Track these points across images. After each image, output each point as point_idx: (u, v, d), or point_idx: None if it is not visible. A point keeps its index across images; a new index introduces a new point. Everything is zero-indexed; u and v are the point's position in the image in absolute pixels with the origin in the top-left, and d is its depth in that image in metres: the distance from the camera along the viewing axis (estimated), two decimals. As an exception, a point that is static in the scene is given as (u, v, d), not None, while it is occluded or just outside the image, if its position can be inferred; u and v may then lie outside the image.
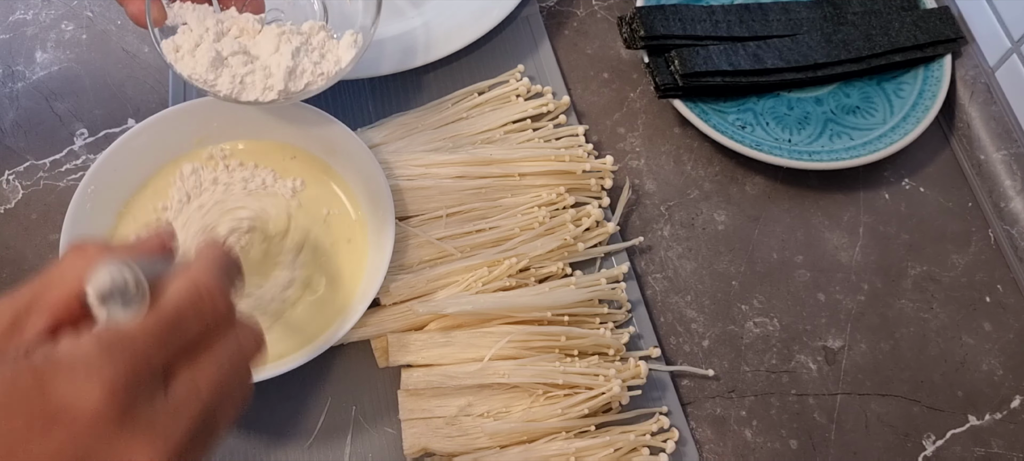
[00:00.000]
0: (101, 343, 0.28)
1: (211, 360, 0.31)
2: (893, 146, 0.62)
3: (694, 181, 0.64)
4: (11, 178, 0.63)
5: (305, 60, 0.52)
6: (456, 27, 0.67)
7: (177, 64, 0.51)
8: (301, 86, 0.52)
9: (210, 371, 0.31)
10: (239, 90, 0.51)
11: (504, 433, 0.52)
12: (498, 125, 0.63)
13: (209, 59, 0.50)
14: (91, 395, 0.27)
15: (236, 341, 0.32)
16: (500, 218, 0.59)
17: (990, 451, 0.55)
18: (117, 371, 0.28)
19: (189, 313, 0.30)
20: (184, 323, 0.30)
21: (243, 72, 0.51)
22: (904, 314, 0.60)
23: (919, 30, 0.66)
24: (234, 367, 0.32)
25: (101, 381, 0.27)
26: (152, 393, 0.29)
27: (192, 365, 0.31)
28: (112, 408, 0.27)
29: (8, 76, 0.67)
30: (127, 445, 0.28)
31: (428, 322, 0.55)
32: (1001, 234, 0.62)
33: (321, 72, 0.52)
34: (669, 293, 0.60)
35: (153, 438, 0.28)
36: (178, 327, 0.30)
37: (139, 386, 0.28)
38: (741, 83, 0.64)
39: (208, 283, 0.31)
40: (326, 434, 0.54)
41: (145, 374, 0.29)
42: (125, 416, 0.28)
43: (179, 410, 0.29)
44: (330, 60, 0.53)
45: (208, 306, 0.31)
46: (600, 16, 0.72)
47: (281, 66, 0.51)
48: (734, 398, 0.57)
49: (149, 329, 0.29)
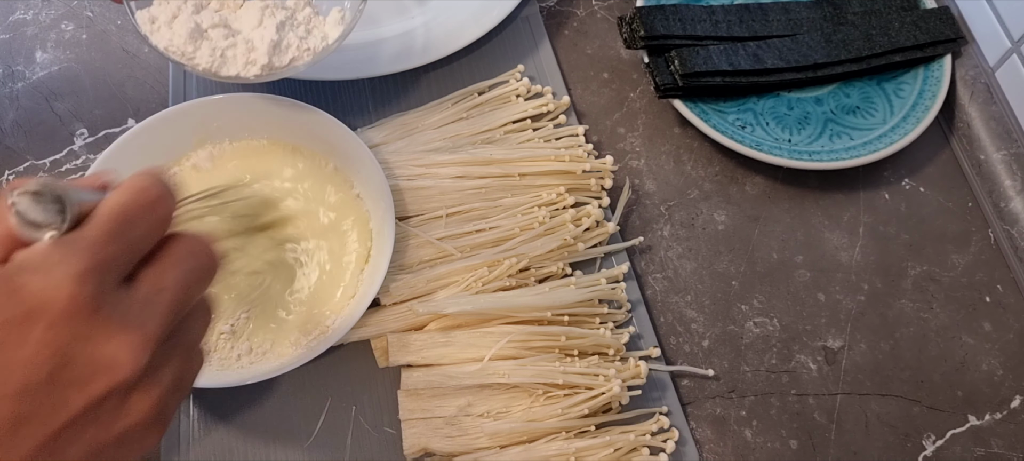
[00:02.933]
0: (58, 243, 0.28)
1: (169, 260, 0.31)
2: (893, 146, 0.62)
3: (694, 181, 0.64)
4: (11, 178, 0.63)
5: (290, 35, 0.50)
6: (456, 27, 0.67)
7: (153, 36, 0.48)
8: (286, 61, 0.50)
9: (170, 269, 0.31)
10: (219, 64, 0.49)
11: (504, 433, 0.52)
12: (498, 125, 0.63)
13: (187, 31, 0.48)
14: (61, 284, 0.27)
15: (191, 247, 0.33)
16: (500, 218, 0.59)
17: (990, 451, 0.55)
18: (80, 261, 0.28)
19: (134, 210, 0.30)
20: (131, 218, 0.30)
21: (224, 45, 0.49)
22: (904, 314, 0.60)
23: (919, 30, 0.66)
24: (193, 272, 0.32)
25: (68, 270, 0.27)
26: (119, 288, 0.29)
27: (152, 265, 0.31)
28: (84, 295, 0.27)
29: (8, 76, 0.67)
30: (105, 337, 0.28)
31: (428, 322, 0.55)
32: (1001, 234, 0.62)
33: (307, 48, 0.51)
34: (669, 293, 0.60)
35: (128, 330, 0.28)
36: (127, 222, 0.30)
37: (105, 275, 0.28)
38: (741, 83, 0.64)
39: (150, 188, 0.31)
40: (326, 434, 0.54)
41: (109, 266, 0.29)
42: (97, 304, 0.28)
43: (148, 306, 0.30)
44: (316, 36, 0.51)
45: (150, 202, 0.31)
46: (600, 16, 0.72)
47: (265, 40, 0.49)
48: (734, 398, 0.57)
49: (99, 224, 0.29)
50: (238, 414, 0.54)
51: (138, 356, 0.29)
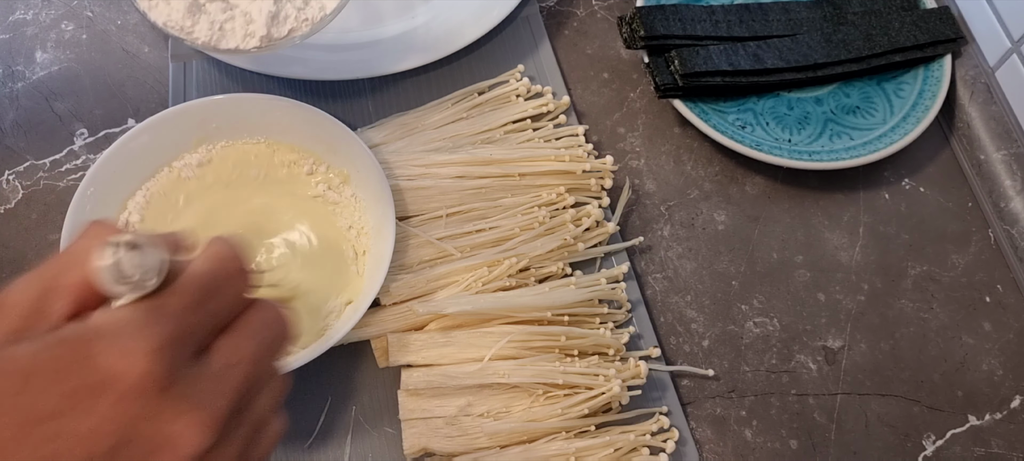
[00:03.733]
0: (137, 309, 0.27)
1: (245, 331, 0.31)
2: (893, 146, 0.62)
3: (694, 181, 0.64)
4: (11, 178, 0.63)
5: (288, 5, 0.49)
6: (456, 27, 0.67)
7: (151, 12, 0.48)
8: (284, 32, 0.49)
9: (246, 342, 0.31)
10: (218, 37, 0.48)
11: (504, 433, 0.52)
12: (498, 125, 0.63)
13: (185, 5, 0.47)
14: (136, 361, 0.26)
15: (267, 316, 0.32)
16: (500, 218, 0.59)
17: (990, 451, 0.55)
18: (160, 334, 0.27)
19: (217, 279, 0.30)
20: (214, 289, 0.30)
21: (222, 18, 0.48)
22: (904, 314, 0.60)
23: (919, 30, 0.66)
24: (268, 344, 0.32)
25: (146, 344, 0.27)
26: (193, 362, 0.28)
27: (228, 337, 0.30)
28: (158, 371, 0.26)
29: (8, 76, 0.67)
30: (172, 414, 0.27)
31: (428, 322, 0.55)
32: (1001, 234, 0.62)
33: (305, 18, 0.50)
34: (669, 293, 0.60)
35: (197, 407, 0.28)
36: (208, 292, 0.29)
37: (181, 349, 0.28)
38: (741, 83, 0.64)
39: (229, 254, 0.31)
40: (326, 434, 0.54)
41: (185, 338, 0.28)
42: (170, 381, 0.27)
43: (220, 379, 0.29)
44: (314, 6, 0.50)
45: (233, 273, 0.31)
46: (600, 16, 0.72)
47: (263, 11, 0.48)
48: (734, 398, 0.57)
49: (182, 292, 0.29)
50: (238, 414, 0.54)
51: (204, 435, 0.28)
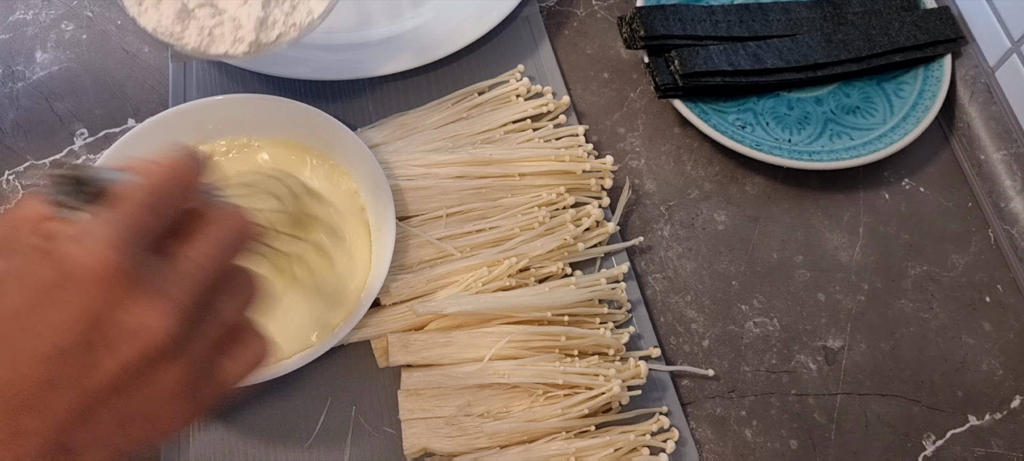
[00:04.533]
0: (96, 216, 0.29)
1: (203, 236, 0.32)
2: (893, 146, 0.62)
3: (694, 181, 0.64)
4: (11, 178, 0.63)
5: (276, 10, 0.50)
6: (456, 27, 0.67)
7: (140, 18, 0.49)
8: (273, 37, 0.50)
9: (203, 242, 0.32)
10: (207, 43, 0.49)
11: (504, 433, 0.52)
12: (498, 125, 0.63)
13: (175, 11, 0.48)
14: (99, 254, 0.28)
15: (223, 218, 0.33)
16: (500, 218, 0.59)
17: (990, 451, 0.55)
18: (115, 231, 0.29)
19: (169, 186, 0.31)
20: (166, 194, 0.31)
21: (211, 24, 0.49)
22: (904, 314, 0.60)
23: (919, 30, 0.66)
24: (226, 243, 0.33)
25: (104, 240, 0.28)
26: (154, 258, 0.30)
27: (183, 240, 0.32)
28: (118, 263, 0.28)
29: (8, 76, 0.67)
30: (139, 306, 0.29)
31: (428, 322, 0.55)
32: (1001, 234, 0.62)
33: (293, 23, 0.50)
34: (669, 293, 0.60)
35: (160, 296, 0.29)
36: (161, 197, 0.31)
37: (138, 246, 0.29)
38: (741, 83, 0.64)
39: (181, 163, 0.32)
40: (326, 434, 0.54)
41: (143, 237, 0.30)
42: (131, 274, 0.28)
43: (179, 274, 0.30)
44: (302, 11, 0.51)
45: (186, 180, 0.32)
46: (600, 16, 0.72)
47: (251, 17, 0.49)
48: (734, 398, 0.57)
49: (136, 200, 0.30)
50: (238, 414, 0.54)
51: (167, 321, 0.29)
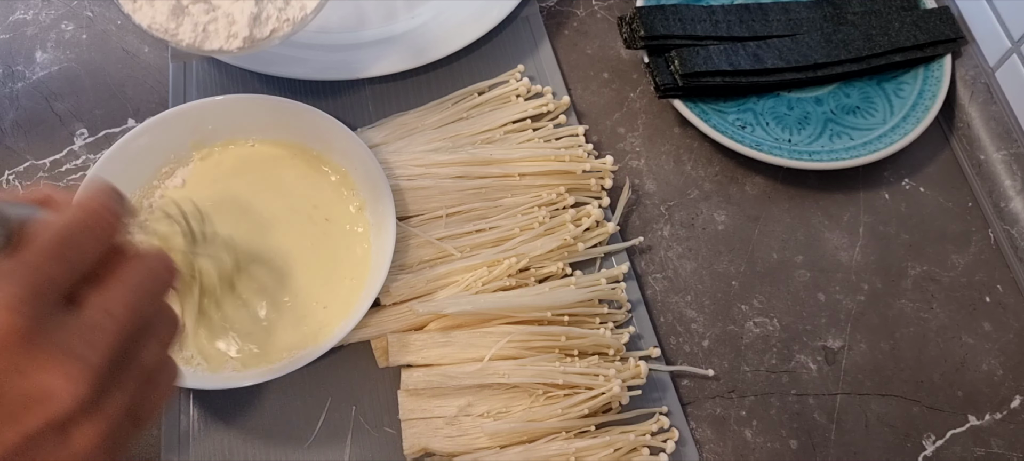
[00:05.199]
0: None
1: (118, 283, 0.30)
2: (893, 146, 0.62)
3: (694, 181, 0.64)
4: (11, 178, 0.63)
5: (269, 6, 0.50)
6: (456, 27, 0.67)
7: (135, 14, 0.49)
8: (266, 33, 0.50)
9: (119, 293, 0.29)
10: (202, 39, 0.49)
11: (504, 433, 0.52)
12: (498, 125, 0.63)
13: (169, 7, 0.48)
14: None
15: (144, 266, 0.31)
16: (500, 218, 0.59)
17: (990, 451, 0.55)
18: (17, 287, 0.26)
19: (81, 231, 0.29)
20: (77, 240, 0.29)
21: (205, 20, 0.49)
22: (904, 314, 0.60)
23: (919, 30, 0.66)
24: (147, 291, 0.30)
25: (4, 298, 0.26)
26: (60, 313, 0.27)
27: (99, 288, 0.29)
28: (18, 327, 0.26)
29: (8, 76, 0.67)
30: (40, 368, 0.26)
31: (428, 322, 0.55)
32: (1001, 234, 0.62)
33: (286, 18, 0.51)
34: (669, 293, 0.60)
35: (67, 360, 0.27)
36: (72, 244, 0.28)
37: (43, 302, 0.27)
38: (741, 83, 0.64)
39: (96, 204, 0.30)
40: (326, 434, 0.54)
41: (47, 289, 0.27)
42: (33, 336, 0.26)
43: (93, 331, 0.28)
44: (295, 6, 0.51)
45: (100, 224, 0.30)
46: (600, 16, 0.72)
47: (245, 12, 0.49)
48: (734, 398, 0.57)
49: (42, 246, 0.28)
50: (238, 414, 0.54)
51: (77, 388, 0.27)
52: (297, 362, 0.51)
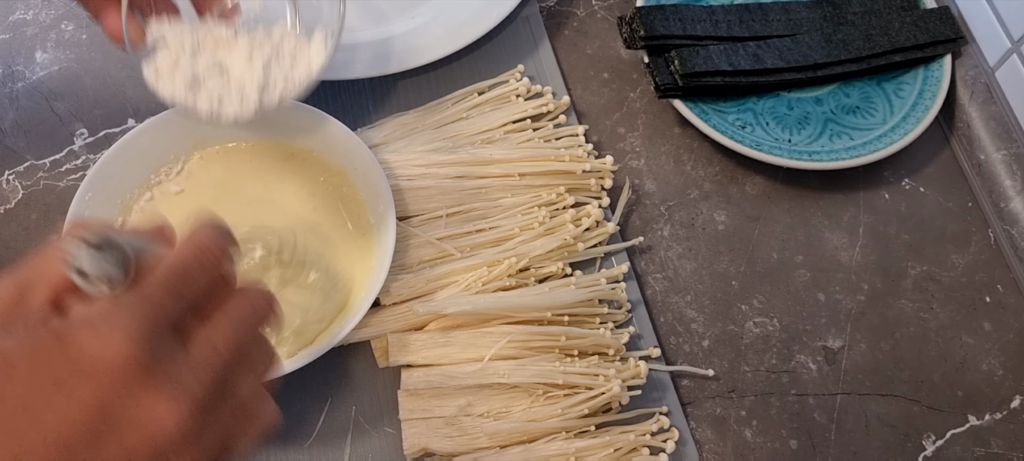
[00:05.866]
0: (116, 300, 0.28)
1: (224, 318, 0.31)
2: (893, 146, 0.62)
3: (694, 181, 0.64)
4: (11, 178, 0.63)
5: (276, 71, 0.51)
6: (456, 27, 0.67)
7: (158, 87, 0.50)
8: (275, 98, 0.51)
9: (225, 328, 0.31)
10: (218, 108, 0.50)
11: (504, 433, 0.52)
12: (498, 125, 0.63)
13: (186, 81, 0.50)
14: (116, 346, 0.27)
15: (247, 301, 0.32)
16: (500, 218, 0.59)
17: (990, 451, 0.55)
18: (138, 321, 0.28)
19: (194, 267, 0.31)
20: (190, 276, 0.30)
21: (219, 91, 0.50)
22: (904, 314, 0.60)
23: (919, 30, 0.66)
24: (249, 326, 0.32)
25: (124, 331, 0.27)
26: (171, 345, 0.29)
27: (206, 324, 0.31)
28: (137, 357, 0.27)
29: (8, 76, 0.67)
30: (151, 398, 0.28)
31: (428, 322, 0.55)
32: (1001, 234, 0.62)
33: (293, 82, 0.51)
34: (669, 293, 0.60)
35: (176, 391, 0.28)
36: (185, 280, 0.30)
37: (160, 336, 0.28)
38: (741, 83, 0.64)
39: (207, 241, 0.32)
40: (326, 434, 0.54)
41: (164, 324, 0.29)
42: (149, 367, 0.28)
43: (199, 365, 0.30)
44: (301, 66, 0.51)
45: (211, 261, 0.31)
46: (600, 16, 0.72)
47: (254, 80, 0.50)
48: (734, 398, 0.57)
49: (159, 281, 0.29)
50: (238, 414, 0.54)
51: (183, 415, 0.28)
52: (297, 362, 0.51)
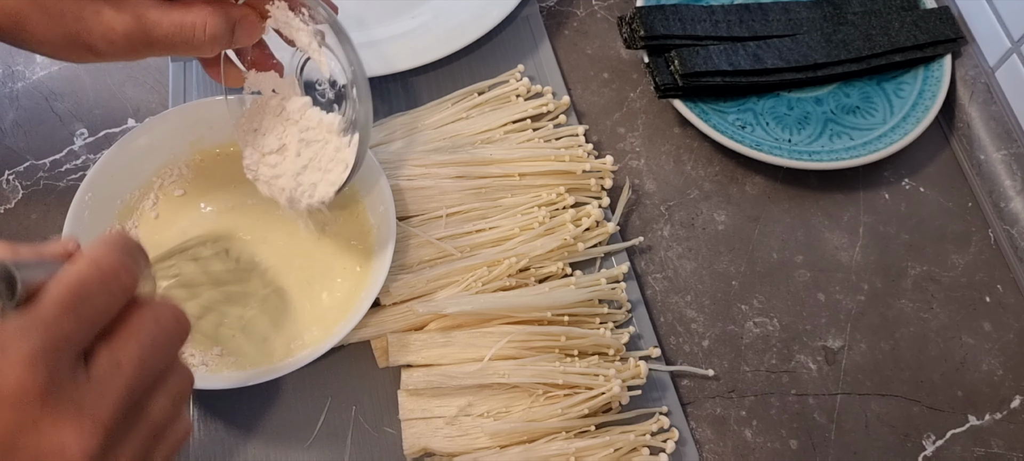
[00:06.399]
0: (6, 323, 0.27)
1: (128, 336, 0.30)
2: (893, 146, 0.62)
3: (694, 181, 0.64)
4: (11, 178, 0.63)
5: (315, 173, 0.52)
6: (456, 27, 0.67)
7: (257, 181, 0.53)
8: (315, 201, 0.52)
9: (129, 346, 0.30)
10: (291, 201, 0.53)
11: (504, 433, 0.52)
12: (498, 125, 0.63)
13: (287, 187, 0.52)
14: (8, 371, 0.26)
15: (153, 317, 0.31)
16: (500, 218, 0.59)
17: (990, 451, 0.55)
18: (31, 344, 0.27)
19: (93, 284, 0.29)
20: (87, 293, 0.29)
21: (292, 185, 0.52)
22: (904, 314, 0.60)
23: (919, 30, 0.66)
24: (156, 344, 0.31)
25: (17, 355, 0.26)
26: (72, 368, 0.28)
27: (109, 342, 0.30)
28: (34, 383, 0.26)
29: (8, 76, 0.67)
30: (54, 424, 0.27)
31: (428, 322, 0.55)
32: (1001, 234, 0.62)
33: (331, 182, 0.52)
34: (669, 293, 0.60)
35: (80, 415, 0.27)
36: (82, 297, 0.29)
37: (58, 359, 0.27)
38: (741, 83, 0.64)
39: (108, 257, 0.30)
40: (326, 434, 0.54)
41: (62, 346, 0.28)
42: (48, 392, 0.26)
43: (103, 386, 0.28)
44: (338, 165, 0.52)
45: (111, 277, 0.30)
46: (600, 16, 0.72)
47: (285, 191, 0.52)
48: (734, 398, 0.57)
49: (56, 300, 0.28)
50: (238, 414, 0.54)
51: (88, 443, 0.27)
52: (297, 362, 0.51)
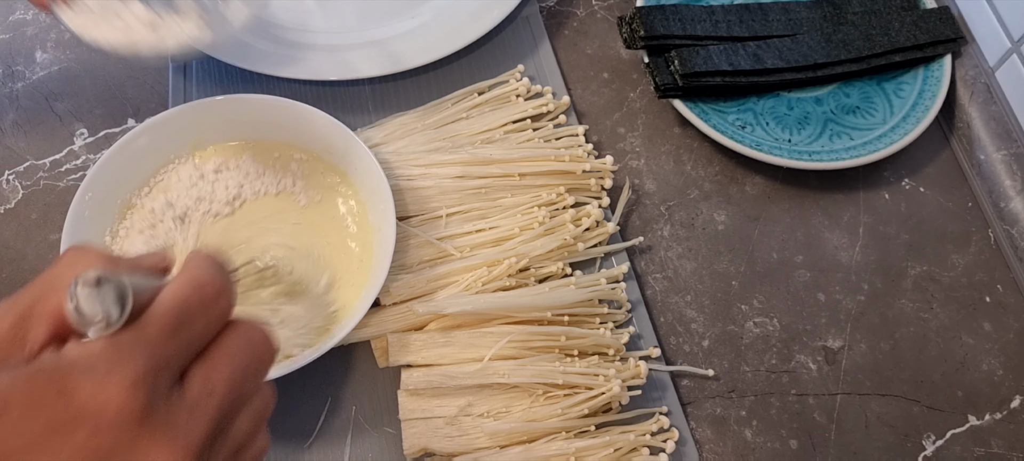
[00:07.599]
0: (114, 342, 0.28)
1: (222, 356, 0.31)
2: (893, 146, 0.62)
3: (694, 181, 0.64)
4: (11, 178, 0.63)
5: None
6: (456, 27, 0.67)
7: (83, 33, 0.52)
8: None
9: (223, 368, 0.30)
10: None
11: (504, 433, 0.52)
12: (498, 125, 0.63)
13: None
14: (112, 393, 0.27)
15: (246, 338, 0.32)
16: (500, 218, 0.59)
17: (990, 451, 0.55)
18: (136, 367, 0.27)
19: (193, 305, 0.30)
20: (189, 316, 0.30)
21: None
22: (904, 314, 0.60)
23: (919, 30, 0.66)
24: (247, 368, 0.31)
25: (121, 377, 0.27)
26: (169, 390, 0.29)
27: (204, 363, 0.30)
28: (134, 405, 0.27)
29: (8, 76, 0.67)
30: (148, 445, 0.27)
31: (428, 322, 0.55)
32: (1001, 234, 0.62)
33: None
34: (669, 293, 0.60)
35: (173, 438, 0.28)
36: (184, 320, 0.29)
37: (157, 381, 0.28)
38: (741, 83, 0.64)
39: (206, 277, 0.31)
40: (326, 434, 0.54)
41: (162, 369, 0.28)
42: (146, 414, 0.27)
43: (196, 409, 0.29)
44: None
45: (210, 297, 0.31)
46: (600, 16, 0.72)
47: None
48: (734, 398, 0.57)
49: (157, 322, 0.29)
50: (238, 414, 0.54)
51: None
52: (297, 362, 0.51)
